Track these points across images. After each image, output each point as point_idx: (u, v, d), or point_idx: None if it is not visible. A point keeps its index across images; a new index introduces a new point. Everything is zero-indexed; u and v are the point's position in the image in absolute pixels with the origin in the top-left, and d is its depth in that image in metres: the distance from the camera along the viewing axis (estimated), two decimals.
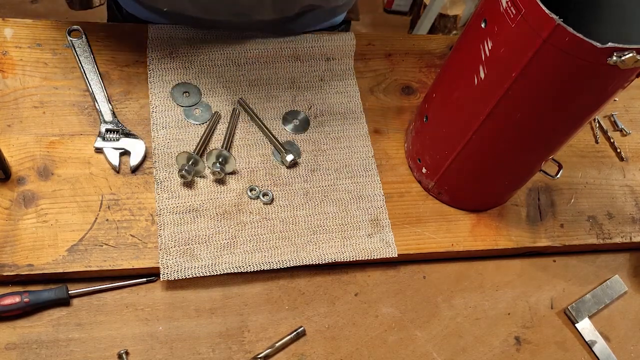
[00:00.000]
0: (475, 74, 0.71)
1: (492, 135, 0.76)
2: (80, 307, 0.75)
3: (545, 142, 0.77)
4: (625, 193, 0.99)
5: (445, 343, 0.82)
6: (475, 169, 0.83)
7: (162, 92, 0.90)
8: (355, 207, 0.87)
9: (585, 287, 0.91)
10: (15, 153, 0.81)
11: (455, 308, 0.85)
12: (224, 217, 0.82)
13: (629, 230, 0.95)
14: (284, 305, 0.81)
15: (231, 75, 0.94)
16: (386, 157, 0.93)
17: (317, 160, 0.90)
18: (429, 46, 1.06)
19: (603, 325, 0.89)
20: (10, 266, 0.74)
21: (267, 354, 0.76)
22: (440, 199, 0.91)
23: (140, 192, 0.82)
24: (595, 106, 0.70)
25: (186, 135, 0.87)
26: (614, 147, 1.04)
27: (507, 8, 0.63)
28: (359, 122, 0.95)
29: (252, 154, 0.88)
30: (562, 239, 0.92)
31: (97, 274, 0.77)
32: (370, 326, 0.82)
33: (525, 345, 0.85)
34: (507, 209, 0.92)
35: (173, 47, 0.94)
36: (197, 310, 0.78)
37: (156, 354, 0.74)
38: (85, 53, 0.90)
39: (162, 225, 0.80)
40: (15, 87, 0.86)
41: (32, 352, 0.71)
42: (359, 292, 0.84)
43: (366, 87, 0.99)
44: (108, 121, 0.85)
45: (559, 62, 0.61)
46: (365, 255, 0.83)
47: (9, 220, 0.76)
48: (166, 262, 0.77)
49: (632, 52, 0.57)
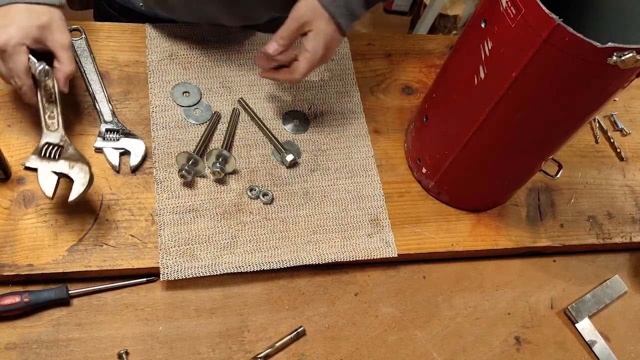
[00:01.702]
0: (475, 74, 0.71)
1: (491, 135, 0.76)
2: (80, 307, 0.75)
3: (545, 142, 0.77)
4: (625, 193, 0.99)
5: (445, 343, 0.82)
6: (475, 169, 0.83)
7: (162, 92, 0.90)
8: (355, 207, 0.87)
9: (585, 287, 0.91)
10: (15, 153, 0.81)
11: (455, 308, 0.85)
12: (224, 217, 0.82)
13: (629, 230, 0.95)
14: (284, 305, 0.81)
15: (231, 75, 0.94)
16: (386, 157, 0.93)
17: (317, 160, 0.90)
18: (429, 46, 1.06)
19: (603, 325, 0.89)
20: (10, 266, 0.74)
21: (267, 354, 0.76)
22: (440, 199, 0.91)
23: (140, 192, 0.82)
24: (595, 106, 0.70)
25: (186, 135, 0.87)
26: (614, 147, 1.04)
27: (507, 8, 0.63)
28: (359, 122, 0.95)
29: (252, 154, 0.88)
30: (562, 239, 0.92)
31: (97, 274, 0.77)
32: (370, 326, 0.82)
33: (525, 345, 0.85)
34: (507, 209, 0.92)
35: (173, 47, 0.94)
36: (197, 310, 0.78)
37: (156, 354, 0.74)
38: (85, 53, 0.90)
39: (162, 225, 0.80)
40: None
41: (32, 352, 0.71)
42: (359, 292, 0.84)
43: (366, 87, 0.99)
44: (108, 121, 0.85)
45: (559, 62, 0.61)
46: (365, 255, 0.83)
47: (9, 220, 0.76)
48: (166, 262, 0.77)
49: (632, 52, 0.57)
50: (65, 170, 0.71)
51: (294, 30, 0.78)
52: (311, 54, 0.79)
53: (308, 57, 0.79)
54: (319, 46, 0.79)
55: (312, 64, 0.80)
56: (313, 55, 0.79)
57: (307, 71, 0.80)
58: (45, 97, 0.76)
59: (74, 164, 0.71)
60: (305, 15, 0.77)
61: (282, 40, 0.78)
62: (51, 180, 0.71)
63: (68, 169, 0.71)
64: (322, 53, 0.79)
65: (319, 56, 0.79)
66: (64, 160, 0.72)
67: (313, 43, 0.79)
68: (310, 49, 0.79)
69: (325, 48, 0.79)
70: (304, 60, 0.80)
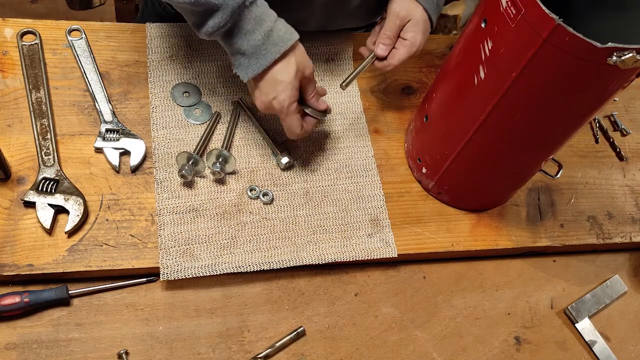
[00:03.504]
0: (475, 74, 0.71)
1: (492, 135, 0.76)
2: (80, 307, 0.75)
3: (545, 142, 0.77)
4: (625, 193, 0.99)
5: (445, 343, 0.82)
6: (475, 168, 0.83)
7: (162, 92, 0.90)
8: (355, 207, 0.87)
9: (585, 287, 0.91)
10: (15, 153, 0.81)
11: (455, 308, 0.85)
12: (224, 217, 0.82)
13: (629, 230, 0.95)
14: (284, 305, 0.81)
15: (231, 75, 0.94)
16: (386, 157, 0.93)
17: (317, 160, 0.90)
18: (429, 46, 1.06)
19: (603, 325, 0.89)
20: (10, 266, 0.73)
21: (267, 354, 0.76)
22: (440, 199, 0.91)
23: (140, 192, 0.82)
24: (595, 106, 0.70)
25: (186, 135, 0.87)
26: (614, 147, 1.04)
27: (507, 8, 0.63)
28: (359, 122, 0.95)
29: (252, 154, 0.88)
30: (562, 239, 0.92)
31: (97, 274, 0.77)
32: (370, 326, 0.82)
33: (525, 345, 0.85)
34: (507, 209, 0.92)
35: (173, 47, 0.94)
36: (197, 310, 0.78)
37: (156, 354, 0.74)
38: (85, 53, 0.90)
39: (162, 225, 0.80)
40: (15, 87, 0.86)
41: (32, 352, 0.71)
42: (359, 292, 0.84)
43: (366, 87, 0.99)
44: (108, 121, 0.85)
45: (559, 62, 0.61)
46: (365, 255, 0.83)
47: (9, 220, 0.76)
48: (166, 262, 0.77)
49: (632, 52, 0.57)
50: (61, 202, 0.77)
51: (396, 26, 0.84)
52: (411, 42, 0.84)
53: (408, 45, 0.84)
54: (418, 34, 0.84)
55: (410, 51, 0.84)
56: (412, 42, 0.84)
57: (404, 58, 0.85)
58: (41, 135, 0.81)
59: (69, 197, 0.77)
60: (403, 10, 0.83)
61: (388, 40, 0.84)
62: (48, 213, 0.76)
63: (64, 202, 0.77)
64: (420, 40, 0.84)
65: (417, 44, 0.84)
66: (59, 193, 0.77)
67: (412, 32, 0.84)
68: (409, 37, 0.84)
69: (423, 36, 0.85)
70: (403, 47, 0.84)
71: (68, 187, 0.78)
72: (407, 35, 0.84)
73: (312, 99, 0.80)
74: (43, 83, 0.86)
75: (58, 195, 0.77)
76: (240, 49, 0.73)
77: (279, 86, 0.74)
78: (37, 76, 0.86)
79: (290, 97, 0.75)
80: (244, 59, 0.73)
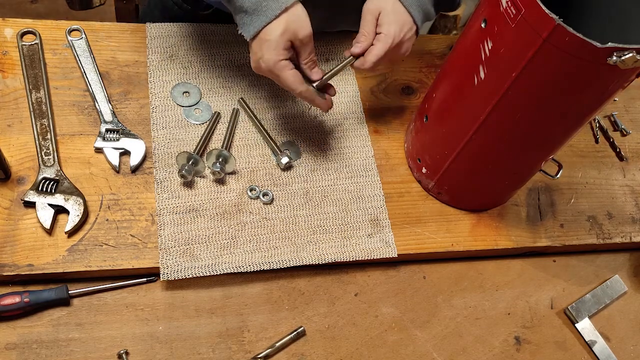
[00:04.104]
0: (475, 74, 0.71)
1: (492, 135, 0.76)
2: (80, 307, 0.75)
3: (545, 142, 0.77)
4: (625, 193, 0.99)
5: (445, 343, 0.82)
6: (475, 168, 0.83)
7: (162, 92, 0.90)
8: (355, 207, 0.87)
9: (585, 287, 0.91)
10: (15, 153, 0.81)
11: (455, 308, 0.85)
12: (224, 217, 0.82)
13: (629, 230, 0.95)
14: (284, 305, 0.81)
15: (231, 75, 0.94)
16: (386, 157, 0.93)
17: (317, 160, 0.90)
18: (429, 46, 1.06)
19: (603, 325, 0.89)
20: (10, 266, 0.73)
21: (267, 354, 0.76)
22: (440, 199, 0.91)
23: (140, 192, 0.82)
24: (596, 106, 0.70)
25: (186, 135, 0.87)
26: (614, 147, 1.04)
27: (507, 8, 0.63)
28: (359, 122, 0.95)
29: (252, 154, 0.88)
30: (562, 239, 0.92)
31: (97, 274, 0.77)
32: (370, 326, 0.82)
33: (525, 345, 0.85)
34: (507, 209, 0.92)
35: (173, 47, 0.94)
36: (197, 310, 0.78)
37: (156, 354, 0.74)
38: (85, 53, 0.90)
39: (162, 225, 0.80)
40: (15, 87, 0.86)
41: (32, 352, 0.71)
42: (359, 292, 0.84)
43: (366, 87, 0.99)
44: (108, 121, 0.85)
45: (559, 62, 0.61)
46: (365, 255, 0.83)
47: (9, 220, 0.76)
48: (166, 262, 0.77)
49: (632, 52, 0.57)
50: (61, 202, 0.77)
51: (370, 22, 0.79)
52: (384, 34, 0.78)
53: (382, 38, 0.79)
54: (391, 24, 0.78)
55: (386, 43, 0.79)
56: (386, 34, 0.78)
57: (381, 53, 0.79)
58: (41, 135, 0.81)
59: (69, 197, 0.77)
60: (372, 4, 0.79)
61: (362, 37, 0.80)
62: (48, 213, 0.76)
63: (64, 202, 0.77)
64: (394, 30, 0.78)
65: (391, 34, 0.78)
66: (59, 193, 0.77)
67: (385, 23, 0.79)
68: (383, 30, 0.79)
69: (396, 26, 0.79)
70: (378, 42, 0.79)
71: (68, 187, 0.78)
72: (381, 28, 0.79)
73: (306, 65, 0.76)
74: (43, 83, 0.86)
75: (58, 195, 0.77)
76: (242, 5, 0.72)
77: (264, 44, 0.72)
78: (37, 76, 0.86)
79: (277, 56, 0.72)
80: (246, 17, 0.72)
